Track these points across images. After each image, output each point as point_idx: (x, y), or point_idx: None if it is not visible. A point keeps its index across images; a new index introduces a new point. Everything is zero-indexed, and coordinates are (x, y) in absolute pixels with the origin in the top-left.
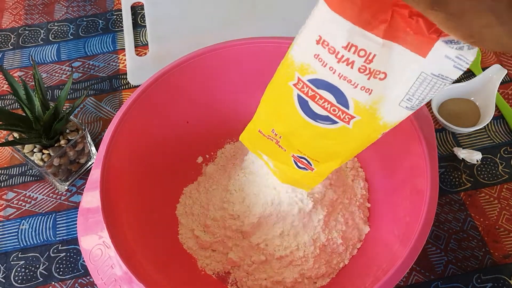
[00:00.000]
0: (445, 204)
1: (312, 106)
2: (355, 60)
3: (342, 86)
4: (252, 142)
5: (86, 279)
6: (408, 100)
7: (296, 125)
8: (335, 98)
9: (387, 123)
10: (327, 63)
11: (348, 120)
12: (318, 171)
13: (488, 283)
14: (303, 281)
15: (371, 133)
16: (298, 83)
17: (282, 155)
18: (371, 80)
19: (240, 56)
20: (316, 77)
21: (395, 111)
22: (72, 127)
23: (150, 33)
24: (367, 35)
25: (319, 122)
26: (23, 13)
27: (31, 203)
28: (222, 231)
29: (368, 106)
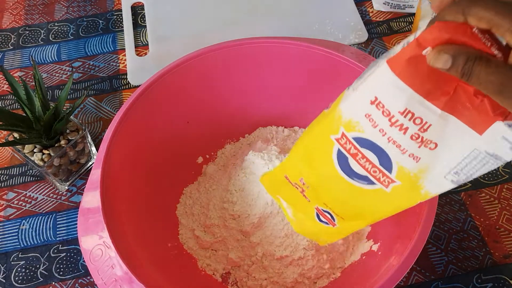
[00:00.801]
0: (446, 204)
1: (352, 164)
2: (409, 127)
3: (390, 149)
4: (273, 185)
5: (86, 279)
6: (455, 173)
7: (329, 179)
8: (378, 160)
9: (429, 193)
10: (378, 124)
11: (387, 184)
12: (340, 228)
13: (488, 283)
14: (303, 281)
15: (409, 200)
16: (341, 138)
17: (305, 205)
18: (422, 148)
19: (240, 56)
20: (362, 136)
21: (440, 183)
22: (72, 127)
23: (150, 33)
24: (426, 104)
25: (355, 180)
26: (23, 13)
27: (32, 203)
28: (223, 231)
29: (413, 174)
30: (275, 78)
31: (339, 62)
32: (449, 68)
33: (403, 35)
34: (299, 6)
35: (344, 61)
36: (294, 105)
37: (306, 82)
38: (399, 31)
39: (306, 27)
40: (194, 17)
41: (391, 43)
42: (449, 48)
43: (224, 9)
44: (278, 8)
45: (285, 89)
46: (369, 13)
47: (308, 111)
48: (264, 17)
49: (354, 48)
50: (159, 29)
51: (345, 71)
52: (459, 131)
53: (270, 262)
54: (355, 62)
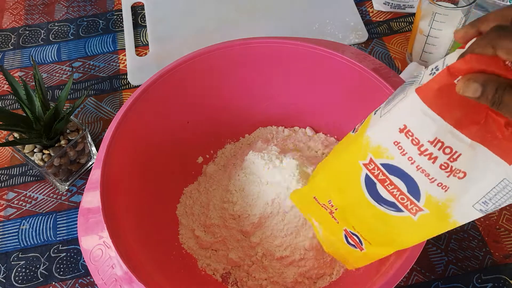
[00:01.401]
0: None
1: (380, 190)
2: (439, 156)
3: (418, 178)
4: (304, 205)
5: (86, 279)
6: (484, 203)
7: (357, 203)
8: (406, 188)
9: (457, 222)
10: (407, 152)
11: (415, 212)
12: (367, 253)
13: (488, 283)
14: (303, 281)
15: (436, 229)
16: (369, 164)
17: (334, 226)
18: (450, 177)
19: (240, 56)
20: (391, 163)
21: (468, 212)
22: (72, 127)
23: (151, 33)
24: (456, 134)
25: (382, 206)
26: (23, 13)
27: (32, 203)
28: (223, 231)
29: (441, 203)
30: (275, 78)
31: (339, 62)
32: (479, 96)
33: (403, 35)
34: (299, 6)
35: (344, 61)
36: (294, 105)
37: (306, 82)
38: (399, 31)
39: (306, 27)
40: (194, 17)
41: (391, 43)
42: (479, 77)
43: (224, 9)
44: (278, 8)
45: (285, 89)
46: (369, 13)
47: (308, 111)
48: (264, 17)
49: (354, 48)
50: (159, 29)
51: (345, 71)
52: (489, 161)
53: (270, 262)
54: (355, 62)
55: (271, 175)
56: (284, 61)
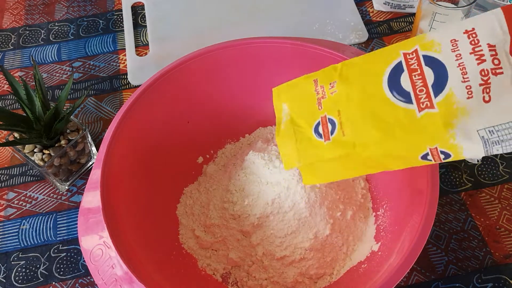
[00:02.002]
0: (446, 204)
1: (403, 78)
2: (487, 60)
3: (453, 72)
4: (286, 92)
5: (86, 279)
6: (490, 132)
7: (368, 88)
8: (434, 80)
9: (452, 137)
10: (459, 49)
11: (424, 107)
12: (329, 147)
13: (488, 283)
14: (303, 281)
15: (428, 136)
16: (411, 53)
17: (311, 112)
18: (479, 90)
19: (240, 56)
20: (435, 56)
21: (470, 133)
22: (72, 127)
23: (151, 33)
24: (509, 58)
25: (393, 94)
26: (23, 13)
27: (32, 203)
28: (223, 231)
29: (456, 107)
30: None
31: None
32: None
33: (403, 35)
34: (299, 6)
35: None
36: None
37: None
38: (399, 31)
39: (306, 27)
40: (194, 17)
41: (391, 43)
42: None
43: (224, 9)
44: (278, 8)
45: None
46: (370, 13)
47: None
48: (264, 17)
49: (354, 48)
50: (159, 29)
51: None
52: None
53: (270, 262)
54: None
55: (271, 175)
56: (284, 61)
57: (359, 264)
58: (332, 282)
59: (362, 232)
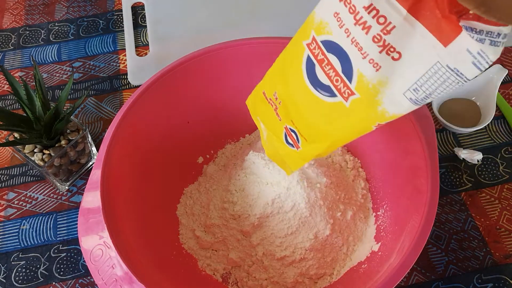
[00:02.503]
0: (446, 204)
1: (318, 72)
2: (372, 25)
3: (352, 52)
4: (254, 105)
5: (86, 279)
6: (415, 90)
7: (297, 90)
8: (341, 66)
9: (385, 112)
10: (344, 23)
11: (347, 96)
12: (302, 152)
13: (489, 283)
14: (304, 281)
15: (366, 119)
16: (311, 43)
17: (277, 124)
18: (383, 55)
19: (240, 56)
20: (330, 38)
21: (398, 100)
22: (72, 127)
23: (151, 33)
24: (392, 2)
25: (319, 91)
26: (23, 14)
27: (32, 203)
28: (223, 231)
29: (371, 85)
30: None
31: None
32: None
33: None
34: (299, 6)
35: None
36: None
37: None
38: None
39: None
40: (194, 17)
41: None
42: None
43: (224, 9)
44: (278, 8)
45: None
46: None
47: None
48: (264, 17)
49: None
50: (159, 29)
51: None
52: (424, 41)
53: (270, 262)
54: None
55: (271, 175)
56: None
57: (359, 264)
58: (332, 282)
59: (362, 232)
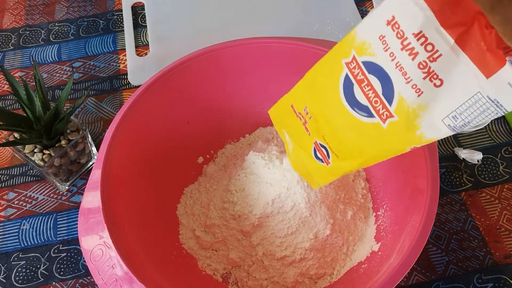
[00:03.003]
0: (446, 204)
1: (356, 92)
2: (419, 52)
3: (395, 76)
4: (280, 117)
5: (87, 279)
6: (454, 118)
7: (331, 107)
8: (382, 88)
9: (423, 136)
10: (390, 47)
11: (385, 117)
12: (332, 168)
13: (489, 283)
14: (304, 281)
15: (402, 141)
16: (351, 62)
17: (305, 139)
18: (426, 81)
19: (240, 56)
20: (372, 60)
21: (436, 125)
22: (72, 127)
23: (151, 34)
24: (441, 31)
25: (355, 111)
26: (23, 14)
27: (32, 203)
28: (223, 231)
29: (411, 109)
30: (275, 78)
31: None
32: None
33: None
34: (299, 6)
35: None
36: None
37: None
38: None
39: (306, 27)
40: (194, 17)
41: None
42: None
43: (224, 9)
44: (278, 8)
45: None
46: None
47: None
48: (264, 17)
49: None
50: (159, 29)
51: None
52: (467, 71)
53: (270, 262)
54: None
55: (271, 175)
56: (284, 61)
57: (359, 264)
58: (332, 282)
59: (362, 232)
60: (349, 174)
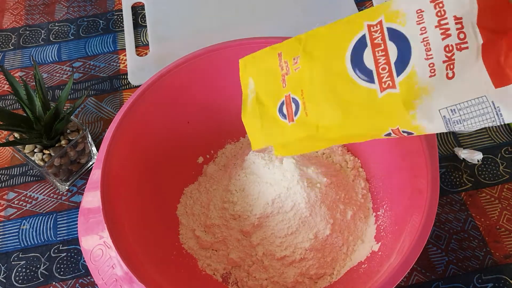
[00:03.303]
0: (446, 204)
1: (366, 54)
2: (452, 35)
3: (417, 49)
4: (252, 65)
5: (87, 279)
6: (452, 111)
7: (329, 64)
8: (397, 57)
9: (414, 118)
10: (424, 21)
11: (385, 87)
12: (292, 128)
13: (489, 283)
14: (304, 281)
15: (389, 117)
16: (375, 25)
17: (276, 90)
18: (443, 66)
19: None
20: (399, 29)
21: (431, 113)
22: (72, 127)
23: (151, 33)
24: (476, 30)
25: (356, 72)
26: (23, 13)
27: (32, 203)
28: (223, 231)
29: (417, 87)
30: None
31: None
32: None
33: None
34: (299, 6)
35: None
36: None
37: None
38: None
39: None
40: (194, 17)
41: None
42: None
43: (225, 9)
44: (278, 8)
45: None
46: None
47: None
48: (264, 17)
49: None
50: (159, 29)
51: None
52: (479, 75)
53: (270, 262)
54: None
55: (271, 175)
56: None
57: (360, 264)
58: (333, 282)
59: (362, 232)
60: (349, 174)
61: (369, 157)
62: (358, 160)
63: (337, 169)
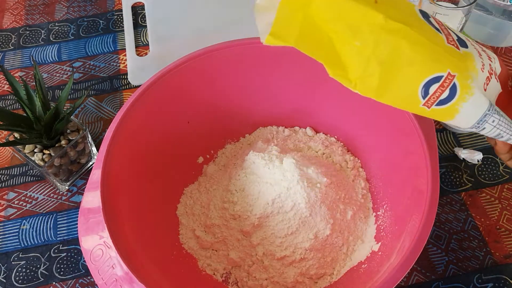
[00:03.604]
0: (446, 204)
1: (432, 20)
2: (492, 75)
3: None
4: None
5: (87, 279)
6: (498, 112)
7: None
8: (457, 38)
9: (470, 78)
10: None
11: (451, 43)
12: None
13: (489, 283)
14: (304, 281)
15: (454, 62)
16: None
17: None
18: (485, 75)
19: (240, 56)
20: None
21: (481, 97)
22: (72, 127)
23: (151, 33)
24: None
25: (425, 19)
26: (23, 13)
27: (32, 203)
28: (223, 231)
29: (482, 62)
30: (275, 78)
31: None
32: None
33: None
34: None
35: None
36: (294, 105)
37: (306, 82)
38: None
39: None
40: (195, 17)
41: None
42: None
43: (225, 9)
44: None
45: (285, 89)
46: None
47: (309, 111)
48: None
49: None
50: (159, 29)
51: None
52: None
53: (270, 262)
54: None
55: (271, 175)
56: (284, 61)
57: (360, 264)
58: (333, 282)
59: (362, 232)
60: (349, 174)
61: (369, 157)
62: (358, 160)
63: (337, 169)
